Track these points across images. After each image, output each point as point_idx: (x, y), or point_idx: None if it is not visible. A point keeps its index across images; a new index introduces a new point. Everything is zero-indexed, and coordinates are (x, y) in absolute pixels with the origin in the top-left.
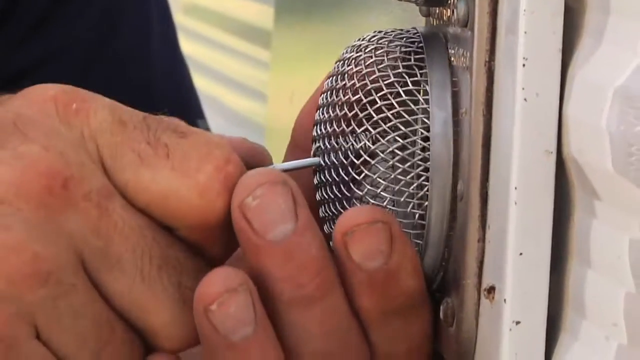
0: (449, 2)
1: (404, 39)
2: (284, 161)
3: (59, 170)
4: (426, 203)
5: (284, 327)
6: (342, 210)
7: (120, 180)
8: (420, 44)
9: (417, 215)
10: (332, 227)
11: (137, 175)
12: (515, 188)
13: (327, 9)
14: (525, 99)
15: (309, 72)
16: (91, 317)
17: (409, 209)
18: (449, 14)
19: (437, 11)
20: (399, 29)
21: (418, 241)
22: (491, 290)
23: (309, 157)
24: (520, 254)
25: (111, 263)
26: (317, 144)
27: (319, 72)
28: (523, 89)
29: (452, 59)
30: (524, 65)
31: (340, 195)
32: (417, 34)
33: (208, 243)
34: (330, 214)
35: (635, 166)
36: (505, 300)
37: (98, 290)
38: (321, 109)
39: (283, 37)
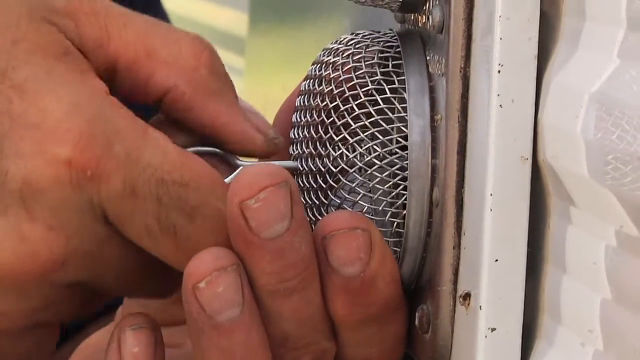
0: (424, 8)
1: (381, 43)
2: None
3: (59, 254)
4: (404, 212)
5: (260, 309)
6: (319, 217)
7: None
8: (398, 49)
9: (394, 224)
10: None
11: (141, 242)
12: (491, 194)
13: (301, 15)
14: (500, 105)
15: (283, 79)
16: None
17: (386, 218)
18: (424, 20)
19: (413, 17)
20: (376, 32)
21: (396, 249)
22: (467, 296)
23: (287, 154)
24: (496, 260)
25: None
26: (296, 148)
27: (293, 79)
28: (498, 95)
29: (429, 65)
30: (499, 71)
31: (317, 202)
32: (395, 37)
33: None
34: (308, 219)
35: (611, 173)
36: (480, 306)
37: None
38: (298, 112)
39: (257, 44)
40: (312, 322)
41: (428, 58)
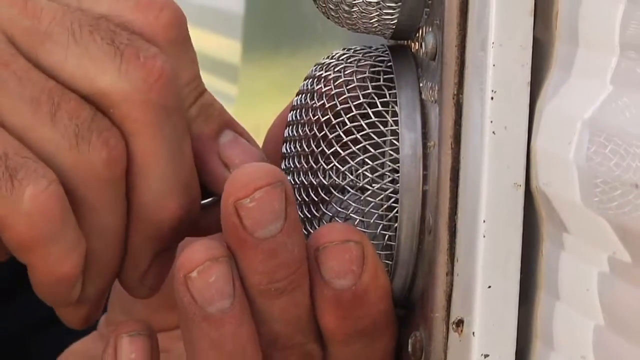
0: (417, 35)
1: (373, 57)
2: None
3: None
4: (395, 224)
5: (251, 308)
6: (311, 231)
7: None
8: (389, 63)
9: (386, 237)
10: None
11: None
12: (484, 221)
13: (294, 43)
14: (493, 132)
15: (275, 107)
16: (36, 84)
17: (378, 231)
18: (417, 47)
19: (405, 44)
20: (368, 47)
21: (387, 261)
22: (460, 323)
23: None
24: (489, 286)
25: (42, 37)
26: (287, 162)
27: (285, 106)
28: (491, 122)
29: (422, 92)
30: (492, 98)
31: (309, 216)
32: (386, 52)
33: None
34: None
35: (603, 199)
36: (473, 333)
37: (39, 69)
38: (291, 127)
39: (250, 72)
40: (300, 324)
41: (421, 85)
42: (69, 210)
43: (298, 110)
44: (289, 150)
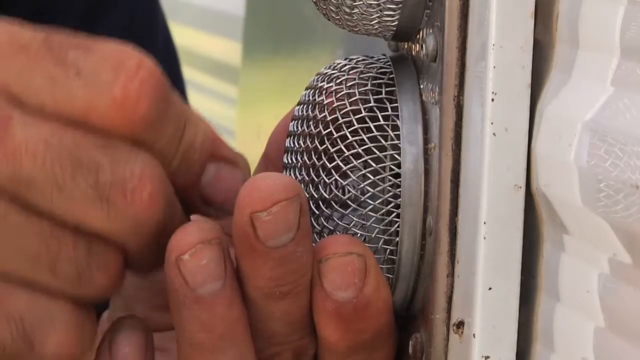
0: (418, 37)
1: (375, 69)
2: (255, 173)
3: None
4: (396, 239)
5: (251, 307)
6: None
7: (35, 104)
8: (392, 75)
9: (387, 251)
10: None
11: (52, 97)
12: (485, 222)
13: (295, 45)
14: (494, 134)
15: (276, 108)
16: (31, 233)
17: (379, 245)
18: (417, 49)
19: (406, 46)
20: (370, 57)
21: (389, 275)
22: (460, 325)
23: (281, 172)
24: (490, 288)
25: (26, 184)
26: (288, 173)
27: (286, 108)
28: (492, 123)
29: (422, 93)
30: (492, 100)
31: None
32: (388, 63)
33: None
34: None
35: (603, 200)
36: (474, 335)
37: (30, 211)
38: (292, 138)
39: (251, 73)
40: (300, 323)
41: (422, 86)
42: (90, 336)
43: (299, 121)
44: (290, 162)
